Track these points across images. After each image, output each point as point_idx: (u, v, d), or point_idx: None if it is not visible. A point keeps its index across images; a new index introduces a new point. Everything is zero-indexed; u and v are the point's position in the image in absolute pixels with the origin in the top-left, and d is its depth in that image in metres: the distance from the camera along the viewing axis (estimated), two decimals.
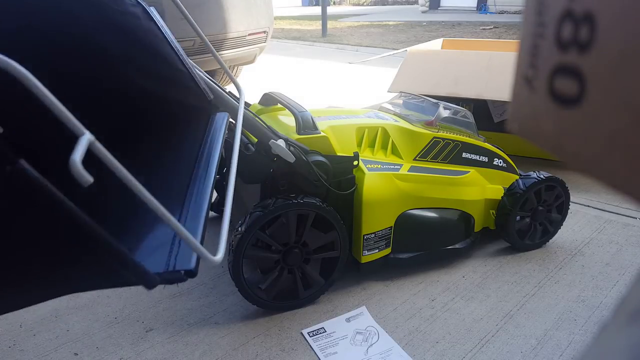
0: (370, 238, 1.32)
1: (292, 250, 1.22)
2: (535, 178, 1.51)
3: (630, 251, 1.57)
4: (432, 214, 1.43)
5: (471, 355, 1.14)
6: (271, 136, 1.17)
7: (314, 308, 1.30)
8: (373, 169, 1.31)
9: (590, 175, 0.20)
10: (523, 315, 1.27)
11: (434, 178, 1.41)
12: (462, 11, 11.66)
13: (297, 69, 5.24)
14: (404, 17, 11.01)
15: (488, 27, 8.26)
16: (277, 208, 1.16)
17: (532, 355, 1.13)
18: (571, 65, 0.19)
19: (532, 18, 0.22)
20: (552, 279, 1.43)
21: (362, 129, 1.40)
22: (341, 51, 6.64)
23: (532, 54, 0.22)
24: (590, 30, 0.18)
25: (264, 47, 3.55)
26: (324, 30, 8.04)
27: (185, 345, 1.17)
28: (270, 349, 1.15)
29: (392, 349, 1.16)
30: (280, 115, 1.43)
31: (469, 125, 1.57)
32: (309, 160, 1.19)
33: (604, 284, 1.40)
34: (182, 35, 2.79)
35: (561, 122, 0.20)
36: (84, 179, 0.36)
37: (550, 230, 1.60)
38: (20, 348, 1.16)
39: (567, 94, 0.20)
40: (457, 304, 1.32)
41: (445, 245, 1.48)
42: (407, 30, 8.49)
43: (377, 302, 1.32)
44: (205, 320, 1.26)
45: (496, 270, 1.48)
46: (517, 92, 0.23)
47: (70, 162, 0.36)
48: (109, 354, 1.14)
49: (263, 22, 3.38)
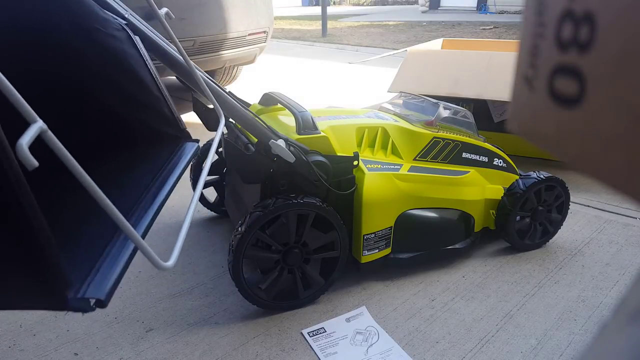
0: (370, 238, 1.32)
1: (292, 250, 1.22)
2: (535, 178, 1.51)
3: (630, 251, 1.57)
4: (432, 214, 1.43)
5: (471, 355, 1.14)
6: (271, 136, 1.17)
7: (314, 308, 1.30)
8: (373, 169, 1.31)
9: (590, 175, 0.20)
10: (523, 315, 1.27)
11: (434, 178, 1.41)
12: (462, 11, 11.66)
13: (297, 69, 5.24)
14: (404, 17, 11.01)
15: (488, 27, 8.26)
16: (277, 208, 1.16)
17: (532, 355, 1.13)
18: (571, 65, 0.19)
19: (532, 18, 0.22)
20: (552, 279, 1.43)
21: (362, 129, 1.40)
22: (341, 51, 6.64)
23: (532, 54, 0.22)
24: (590, 30, 0.18)
25: (264, 47, 3.55)
26: (324, 30, 8.04)
27: (185, 345, 1.17)
28: (270, 349, 1.15)
29: (392, 349, 1.16)
30: (280, 115, 1.43)
31: (469, 125, 1.57)
32: (309, 160, 1.19)
33: (604, 284, 1.40)
34: (182, 35, 2.79)
35: (561, 122, 0.20)
36: (29, 162, 0.37)
37: (550, 230, 1.60)
38: (20, 348, 1.16)
39: (567, 94, 0.20)
40: (457, 304, 1.32)
41: (445, 245, 1.48)
42: (407, 30, 8.49)
43: (377, 302, 1.32)
44: (205, 320, 1.26)
45: (496, 270, 1.48)
46: (517, 92, 0.23)
47: (17, 146, 0.37)
48: (109, 354, 1.14)
49: (263, 22, 3.38)
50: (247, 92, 2.02)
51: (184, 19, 2.80)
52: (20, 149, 0.37)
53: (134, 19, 0.87)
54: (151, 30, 0.96)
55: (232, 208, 1.61)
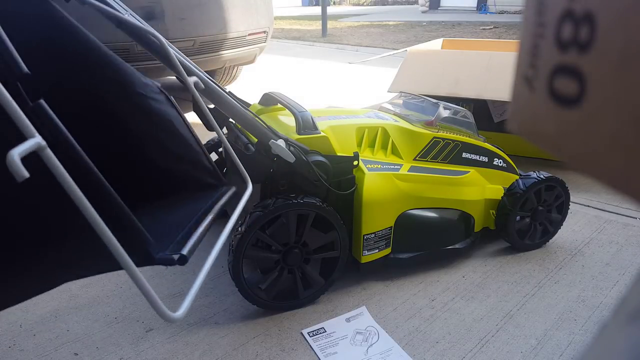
0: (370, 238, 1.32)
1: (292, 250, 1.22)
2: (535, 178, 1.51)
3: (630, 251, 1.57)
4: (432, 214, 1.43)
5: (471, 355, 1.14)
6: (271, 136, 1.17)
7: (314, 308, 1.30)
8: (373, 169, 1.31)
9: (590, 175, 0.20)
10: (523, 315, 1.27)
11: (434, 178, 1.41)
12: (462, 11, 11.67)
13: (297, 69, 5.24)
14: (404, 17, 11.01)
15: (488, 27, 8.26)
16: (277, 208, 1.16)
17: (532, 355, 1.13)
18: (571, 65, 0.19)
19: (532, 18, 0.22)
20: (552, 279, 1.43)
21: (362, 129, 1.40)
22: (341, 51, 6.64)
23: (532, 54, 0.22)
24: (590, 30, 0.18)
25: (264, 47, 3.55)
26: (324, 30, 8.04)
27: (185, 345, 1.17)
28: (270, 349, 1.15)
29: (392, 349, 1.16)
30: (280, 115, 1.43)
31: (469, 125, 1.57)
32: (309, 160, 1.19)
33: (604, 284, 1.40)
34: (182, 35, 2.79)
35: (561, 122, 0.20)
36: (19, 173, 0.39)
37: (550, 230, 1.60)
38: (20, 348, 1.16)
39: (567, 94, 0.20)
40: (457, 304, 1.32)
41: (445, 245, 1.48)
42: (407, 30, 8.49)
43: (377, 302, 1.32)
44: (205, 320, 1.26)
45: (496, 270, 1.48)
46: (517, 92, 0.23)
47: (8, 156, 0.39)
48: (109, 354, 1.14)
49: (263, 22, 3.38)
50: (247, 92, 2.02)
51: (184, 19, 2.80)
52: (10, 158, 0.39)
53: (133, 19, 0.88)
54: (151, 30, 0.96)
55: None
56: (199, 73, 1.05)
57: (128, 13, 0.87)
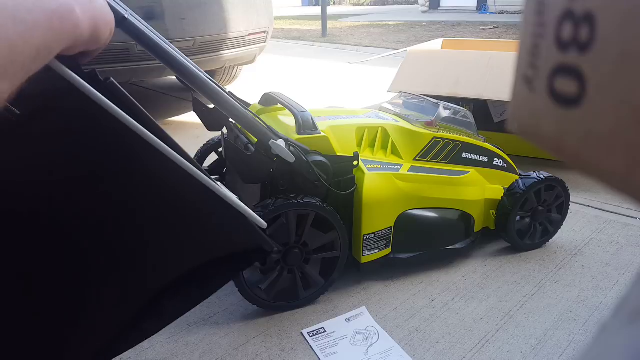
0: (370, 238, 1.32)
1: (292, 250, 1.22)
2: (535, 178, 1.51)
3: (630, 251, 1.57)
4: (432, 214, 1.43)
5: (471, 355, 1.14)
6: (271, 136, 1.17)
7: (314, 308, 1.30)
8: (373, 169, 1.31)
9: (590, 175, 0.20)
10: (523, 315, 1.27)
11: (434, 178, 1.41)
12: (462, 11, 11.67)
13: (297, 69, 5.24)
14: (404, 17, 11.01)
15: (488, 27, 8.26)
16: (277, 208, 1.16)
17: (532, 355, 1.13)
18: (571, 65, 0.19)
19: (532, 18, 0.22)
20: (552, 279, 1.43)
21: (362, 129, 1.40)
22: (341, 51, 6.64)
23: (532, 54, 0.22)
24: (590, 30, 0.18)
25: (264, 47, 3.55)
26: (324, 30, 8.04)
27: (185, 345, 1.17)
28: (270, 349, 1.15)
29: (392, 349, 1.16)
30: (280, 115, 1.43)
31: (469, 125, 1.57)
32: (309, 160, 1.19)
33: (604, 284, 1.40)
34: (182, 35, 2.79)
35: (561, 122, 0.20)
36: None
37: (550, 230, 1.60)
38: None
39: (567, 94, 0.20)
40: (457, 304, 1.32)
41: (445, 245, 1.48)
42: (407, 30, 8.49)
43: (377, 302, 1.32)
44: (205, 320, 1.26)
45: (496, 270, 1.48)
46: (517, 92, 0.23)
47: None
48: None
49: (263, 22, 3.38)
50: (247, 92, 2.02)
51: (184, 19, 2.79)
52: None
53: (133, 19, 0.88)
54: (151, 30, 0.96)
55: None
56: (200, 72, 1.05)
57: (128, 13, 0.87)
